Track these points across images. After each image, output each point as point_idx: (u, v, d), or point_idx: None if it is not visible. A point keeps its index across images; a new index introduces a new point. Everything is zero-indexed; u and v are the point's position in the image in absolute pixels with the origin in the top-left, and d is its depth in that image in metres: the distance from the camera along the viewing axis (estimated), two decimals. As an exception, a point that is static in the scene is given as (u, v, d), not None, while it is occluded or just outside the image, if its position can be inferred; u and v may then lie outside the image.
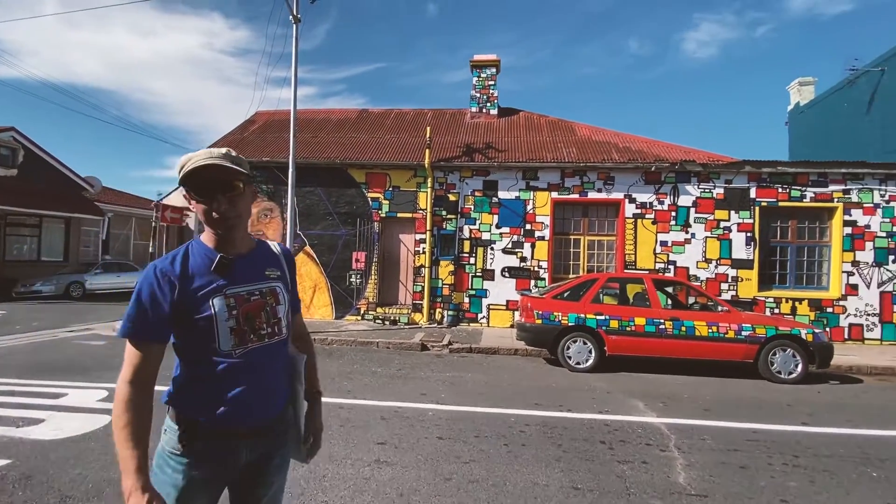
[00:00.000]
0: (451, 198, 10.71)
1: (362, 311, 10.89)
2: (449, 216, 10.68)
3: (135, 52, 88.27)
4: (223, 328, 1.29)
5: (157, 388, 1.24)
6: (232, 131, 13.30)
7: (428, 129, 10.70)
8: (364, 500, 2.81)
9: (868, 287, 9.64)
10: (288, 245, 9.33)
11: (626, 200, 10.28)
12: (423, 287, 10.59)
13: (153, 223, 9.34)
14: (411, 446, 3.64)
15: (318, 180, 11.20)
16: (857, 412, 4.96)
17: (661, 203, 10.23)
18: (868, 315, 9.61)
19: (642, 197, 10.28)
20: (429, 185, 10.63)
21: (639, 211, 10.26)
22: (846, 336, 9.56)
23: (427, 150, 10.43)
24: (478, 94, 13.28)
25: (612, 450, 3.69)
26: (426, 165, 10.44)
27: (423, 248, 10.65)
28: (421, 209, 10.75)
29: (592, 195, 10.38)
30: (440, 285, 10.61)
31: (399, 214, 10.92)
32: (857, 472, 3.34)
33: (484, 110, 13.21)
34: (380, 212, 10.99)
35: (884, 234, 9.67)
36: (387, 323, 10.46)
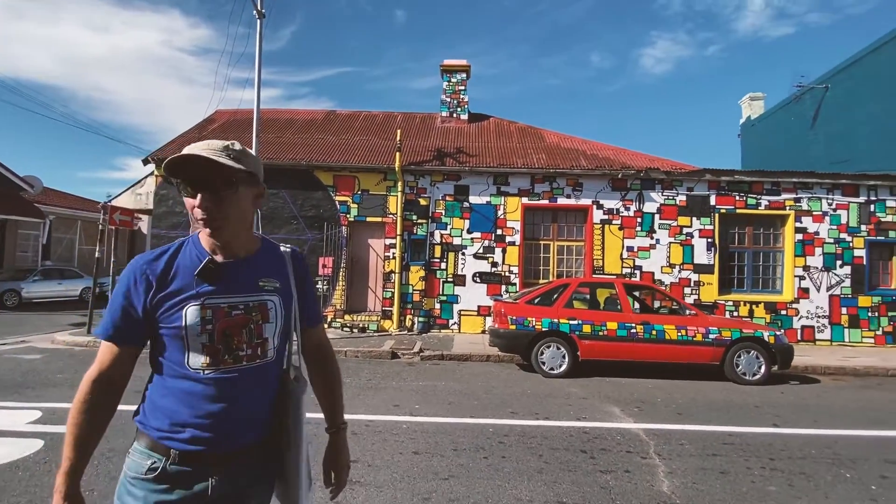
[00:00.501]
0: (422, 202, 10.52)
1: (329, 319, 10.48)
2: (420, 221, 10.49)
3: (87, 48, 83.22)
4: (194, 344, 1.11)
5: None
6: (189, 130, 12.62)
7: (398, 131, 10.49)
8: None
9: (818, 290, 10.16)
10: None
11: (594, 206, 10.43)
12: (392, 293, 10.32)
13: (100, 226, 8.62)
14: (385, 463, 3.41)
15: (282, 182, 10.75)
16: (821, 412, 5.11)
17: (628, 209, 10.44)
18: (818, 317, 10.12)
19: (609, 203, 10.45)
20: (399, 188, 10.41)
21: (606, 217, 10.43)
22: (799, 337, 10.02)
23: (398, 154, 10.22)
24: (448, 99, 13.21)
25: (593, 459, 3.59)
26: (396, 169, 10.22)
27: (394, 254, 10.40)
28: (391, 213, 10.51)
29: (562, 201, 10.46)
30: (410, 291, 10.37)
31: (368, 219, 10.63)
32: (832, 474, 3.38)
33: (454, 115, 13.14)
34: (348, 216, 10.66)
35: (831, 241, 10.24)
36: (355, 330, 10.12)
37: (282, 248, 1.30)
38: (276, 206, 10.76)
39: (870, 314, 10.07)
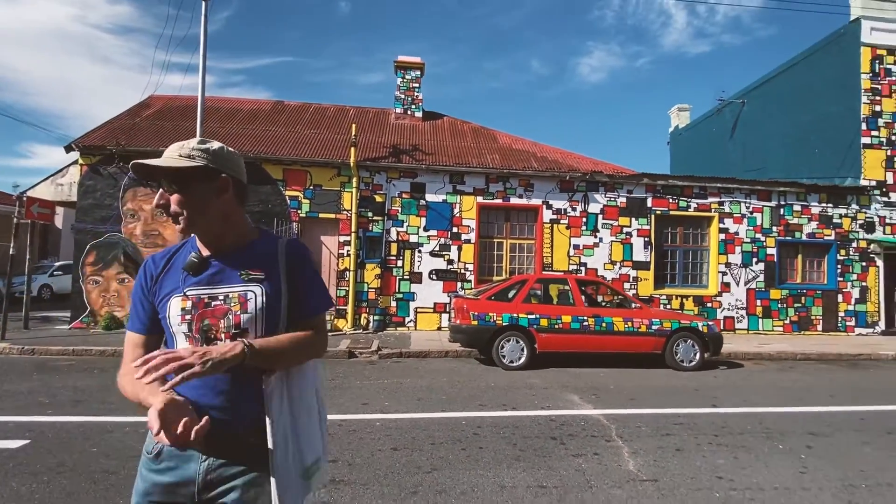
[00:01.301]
0: (378, 199, 10.41)
1: (278, 319, 10.08)
2: (375, 218, 10.37)
3: (-23, 15, 72.77)
4: (177, 333, 1.19)
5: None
6: (119, 116, 11.54)
7: (353, 126, 10.29)
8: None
9: (738, 285, 11.32)
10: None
11: (544, 206, 10.88)
12: (347, 291, 10.12)
13: (15, 219, 7.67)
14: (366, 461, 3.38)
15: (227, 175, 10.15)
16: (749, 392, 5.74)
17: (574, 210, 11.00)
18: (738, 308, 11.29)
19: (558, 203, 10.95)
20: (354, 184, 10.22)
21: (555, 216, 10.92)
22: (722, 327, 11.09)
23: (353, 149, 10.03)
24: (402, 96, 13.14)
25: (563, 444, 3.80)
26: (352, 164, 10.03)
27: (348, 251, 10.20)
28: (345, 210, 10.29)
29: (514, 200, 10.81)
30: (366, 289, 10.23)
31: (321, 215, 10.34)
32: (768, 447, 3.83)
33: (409, 112, 13.10)
34: (299, 211, 10.31)
35: (749, 240, 11.44)
36: (307, 330, 9.80)
37: (279, 242, 1.28)
38: (220, 200, 10.15)
39: (779, 305, 11.39)
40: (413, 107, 13.14)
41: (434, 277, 10.40)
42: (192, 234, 1.23)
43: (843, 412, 4.93)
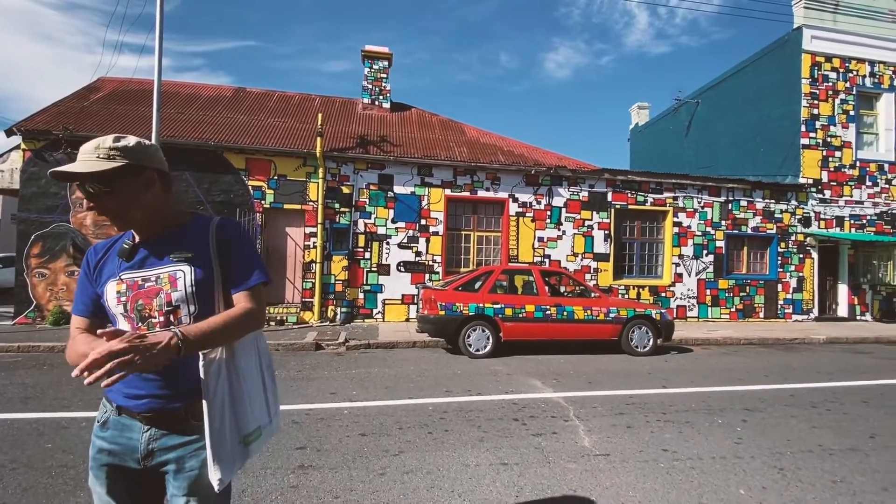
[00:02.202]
0: (345, 190, 10.34)
1: (242, 312, 9.88)
2: (343, 209, 10.30)
3: None
4: (115, 314, 1.29)
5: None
6: (66, 99, 10.87)
7: (319, 116, 10.14)
8: (296, 509, 2.61)
9: (689, 275, 12.00)
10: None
11: (510, 200, 11.13)
12: (313, 284, 10.04)
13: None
14: (334, 447, 3.47)
15: (186, 163, 9.82)
16: (696, 374, 6.19)
17: (539, 203, 11.31)
18: (689, 298, 11.98)
19: (523, 197, 11.23)
20: (320, 175, 10.11)
21: (520, 210, 11.19)
22: (675, 315, 11.77)
23: (319, 139, 9.89)
24: (370, 86, 13.02)
25: (525, 425, 4.01)
26: (318, 154, 9.91)
27: (314, 243, 10.10)
28: (311, 201, 10.17)
29: (482, 193, 10.99)
30: (333, 281, 10.18)
31: (286, 206, 10.17)
32: (708, 422, 4.19)
33: (376, 102, 13.00)
34: (263, 202, 10.10)
35: (700, 234, 12.13)
36: (272, 323, 9.69)
37: (210, 222, 1.36)
38: (179, 189, 9.79)
39: (727, 295, 12.17)
40: (381, 97, 13.06)
41: (402, 269, 10.47)
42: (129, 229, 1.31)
43: (775, 390, 5.41)
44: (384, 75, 13.09)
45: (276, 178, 10.17)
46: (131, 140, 1.26)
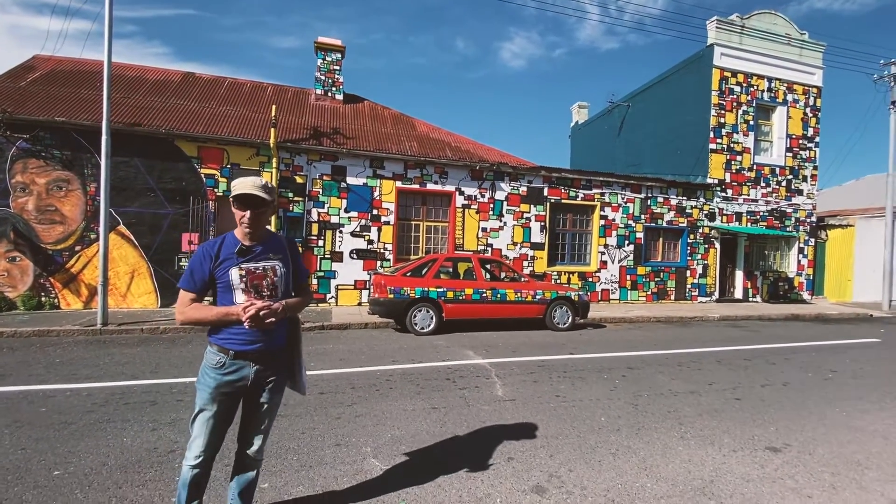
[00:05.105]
0: (299, 180, 10.84)
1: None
2: (296, 198, 10.80)
3: None
4: (238, 289, 2.04)
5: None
6: (1, 77, 10.48)
7: (273, 107, 10.51)
8: (270, 443, 3.41)
9: (613, 263, 13.59)
10: (101, 222, 8.22)
11: (457, 193, 12.07)
12: (268, 269, 10.51)
13: None
14: (298, 402, 4.28)
15: (134, 150, 9.94)
16: (601, 345, 7.49)
17: (483, 196, 12.35)
18: (612, 282, 13.58)
19: (469, 190, 12.21)
20: (274, 165, 10.53)
21: (466, 202, 12.18)
22: (599, 298, 13.34)
23: (273, 130, 10.30)
24: (323, 77, 13.40)
25: (454, 383, 5.00)
26: (272, 144, 10.32)
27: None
28: (266, 190, 10.56)
29: (430, 186, 11.85)
30: (287, 267, 10.70)
31: (240, 194, 10.50)
32: (596, 377, 5.38)
33: (329, 94, 13.42)
34: (216, 190, 10.40)
35: (622, 226, 13.71)
36: (228, 307, 10.10)
37: (281, 237, 2.27)
38: (127, 175, 9.92)
39: (644, 280, 13.89)
40: (334, 89, 13.48)
41: (354, 256, 11.18)
42: (230, 232, 2.14)
43: (656, 354, 6.78)
44: (337, 67, 13.50)
45: (228, 166, 10.48)
46: (270, 183, 2.10)
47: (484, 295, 8.43)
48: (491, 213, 12.38)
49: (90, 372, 5.19)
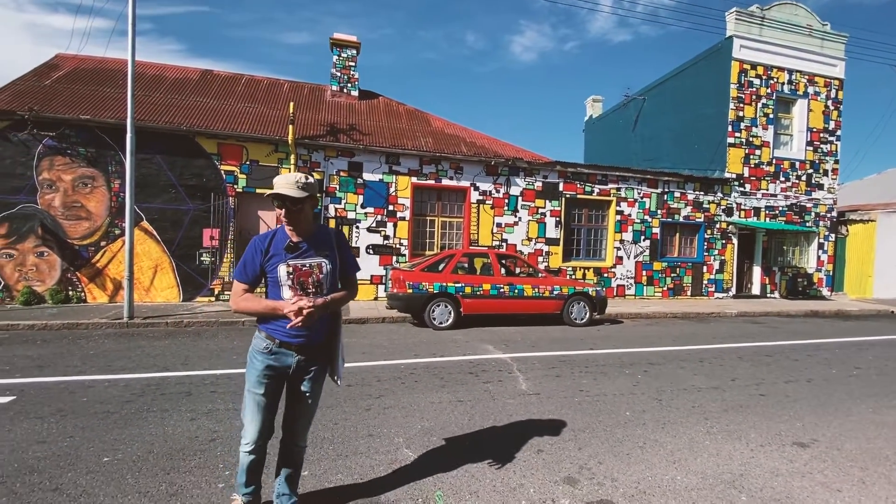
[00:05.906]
0: (316, 176, 10.95)
1: (217, 292, 10.46)
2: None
3: None
4: (284, 285, 2.11)
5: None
6: (24, 77, 10.75)
7: (291, 104, 10.62)
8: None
9: (629, 258, 13.52)
10: (127, 218, 8.42)
11: (472, 188, 12.10)
12: (287, 264, 10.67)
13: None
14: (327, 394, 4.35)
15: (156, 147, 10.13)
16: (620, 340, 7.50)
17: (498, 192, 12.36)
18: (628, 278, 13.52)
19: (484, 186, 12.23)
20: (292, 161, 10.65)
21: (481, 197, 12.20)
22: (615, 294, 13.30)
23: (291, 127, 10.41)
24: (339, 73, 13.48)
25: (477, 377, 5.07)
26: (290, 142, 10.44)
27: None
28: (284, 186, 10.70)
29: (445, 182, 11.89)
30: (305, 262, 10.85)
31: (258, 190, 10.67)
32: (618, 372, 5.42)
33: (345, 90, 13.50)
34: (235, 186, 10.56)
35: (638, 221, 13.63)
36: (248, 301, 10.28)
37: (329, 231, 2.31)
38: (150, 172, 10.12)
39: (660, 275, 13.81)
40: (350, 85, 13.56)
41: (371, 252, 11.28)
42: (281, 226, 2.19)
43: (676, 350, 6.78)
44: (352, 63, 13.57)
45: (248, 163, 10.63)
46: (311, 179, 2.12)
47: (502, 290, 8.48)
48: (506, 208, 12.39)
49: (124, 363, 5.36)
